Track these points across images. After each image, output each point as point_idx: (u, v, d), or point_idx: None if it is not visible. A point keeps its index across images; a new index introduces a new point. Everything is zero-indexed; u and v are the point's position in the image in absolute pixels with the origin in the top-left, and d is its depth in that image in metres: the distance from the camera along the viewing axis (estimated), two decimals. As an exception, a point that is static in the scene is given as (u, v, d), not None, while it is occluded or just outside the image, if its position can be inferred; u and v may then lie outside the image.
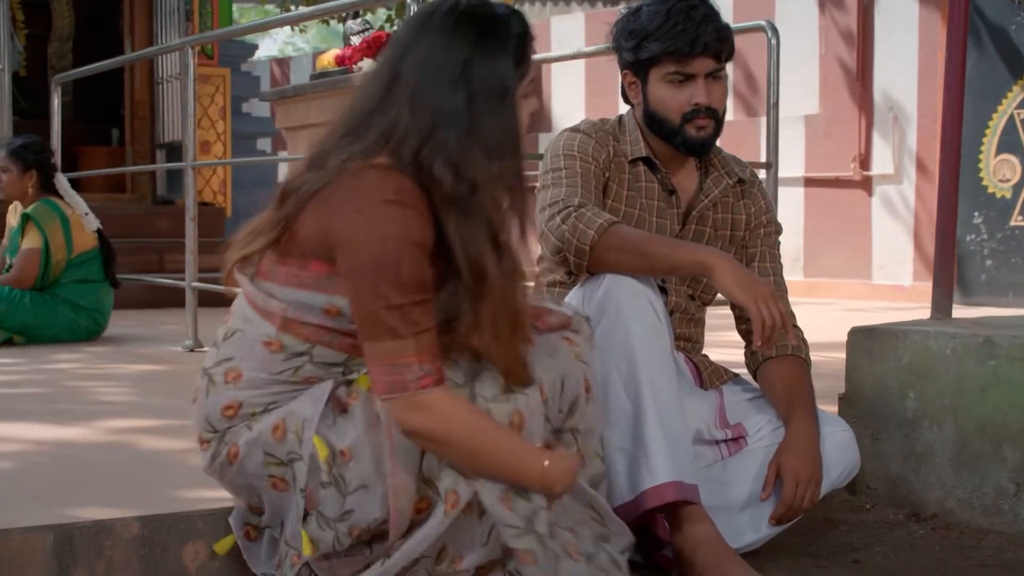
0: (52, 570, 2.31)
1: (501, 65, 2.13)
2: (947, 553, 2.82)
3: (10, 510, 2.44)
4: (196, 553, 2.45)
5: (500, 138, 2.13)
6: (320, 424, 2.15)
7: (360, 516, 2.14)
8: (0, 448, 3.12)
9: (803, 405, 2.75)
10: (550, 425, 2.26)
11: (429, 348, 2.08)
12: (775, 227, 2.99)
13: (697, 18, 2.72)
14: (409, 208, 2.08)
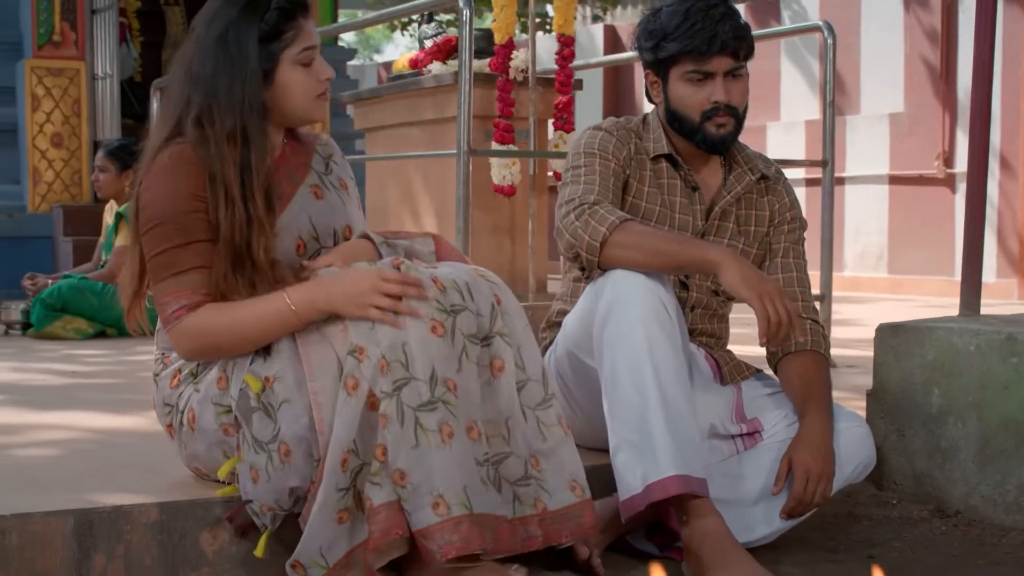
0: (73, 553, 2.34)
1: (244, 41, 2.40)
2: (964, 550, 2.73)
3: (40, 494, 2.46)
4: (213, 538, 2.45)
5: (232, 102, 2.39)
6: (252, 365, 2.34)
7: (287, 429, 2.27)
8: (52, 435, 3.18)
9: (817, 400, 2.68)
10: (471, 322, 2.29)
11: (188, 285, 2.37)
12: (799, 223, 2.93)
13: (715, 17, 2.68)
14: (180, 169, 2.37)
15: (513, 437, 2.31)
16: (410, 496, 2.21)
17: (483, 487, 2.25)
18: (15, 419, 3.41)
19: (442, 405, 2.22)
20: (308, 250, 2.49)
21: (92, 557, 2.35)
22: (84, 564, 2.34)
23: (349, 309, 2.27)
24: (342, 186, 2.63)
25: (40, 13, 8.66)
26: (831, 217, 4.77)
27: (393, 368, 2.20)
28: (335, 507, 2.24)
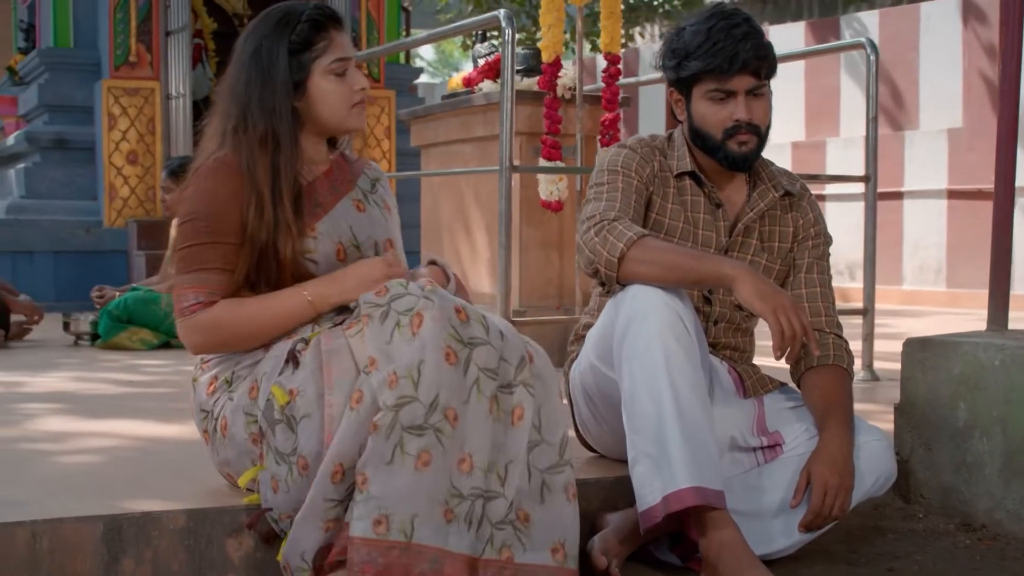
0: (102, 557, 2.36)
1: (275, 54, 2.48)
2: (985, 564, 2.68)
3: (74, 500, 2.50)
4: (239, 544, 2.47)
5: (263, 110, 2.47)
6: (279, 376, 2.35)
7: (305, 443, 2.27)
8: (97, 443, 3.22)
9: (837, 414, 2.64)
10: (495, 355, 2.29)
11: (208, 283, 2.44)
12: (824, 239, 2.89)
13: (737, 36, 2.65)
14: (220, 172, 2.46)
15: (508, 481, 2.27)
16: (361, 502, 2.18)
17: (445, 520, 2.21)
18: (66, 427, 3.46)
19: (432, 432, 2.19)
20: (349, 257, 2.52)
21: (121, 561, 2.38)
22: (113, 568, 2.37)
23: (361, 292, 2.35)
24: (386, 207, 2.67)
25: (117, 35, 8.80)
26: (874, 231, 4.70)
27: (402, 385, 2.19)
28: (322, 516, 2.24)
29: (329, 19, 2.53)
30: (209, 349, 2.49)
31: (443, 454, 2.20)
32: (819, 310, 2.81)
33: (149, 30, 8.88)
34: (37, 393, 4.20)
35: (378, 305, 2.28)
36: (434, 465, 2.19)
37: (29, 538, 2.31)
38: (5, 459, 2.96)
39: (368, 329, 2.27)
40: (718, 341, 2.83)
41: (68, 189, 8.92)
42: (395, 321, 2.25)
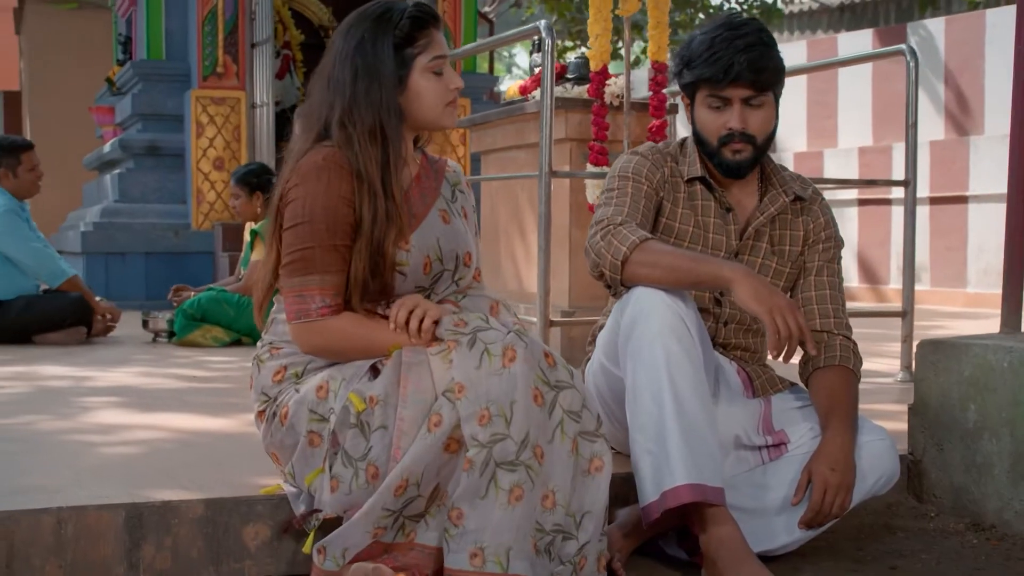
0: (124, 543, 2.41)
1: (379, 48, 2.43)
2: (990, 563, 2.62)
3: (105, 488, 2.55)
4: (256, 533, 2.50)
5: (370, 103, 2.42)
6: (358, 384, 2.33)
7: (377, 453, 2.27)
8: (143, 435, 3.27)
9: (840, 413, 2.60)
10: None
11: (332, 285, 2.39)
12: (835, 243, 2.85)
13: (738, 47, 2.62)
14: (332, 171, 2.39)
15: (583, 529, 2.29)
16: (457, 536, 2.21)
17: (534, 552, 2.23)
18: (117, 419, 3.52)
19: (523, 468, 2.21)
20: (433, 270, 2.50)
21: (141, 547, 2.42)
22: (134, 554, 2.41)
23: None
24: (463, 214, 2.64)
25: (205, 47, 8.94)
26: (913, 234, 4.63)
27: (495, 422, 2.20)
28: (375, 522, 2.26)
29: (430, 17, 2.49)
30: (325, 355, 2.44)
31: (532, 489, 2.22)
32: (828, 312, 2.77)
33: (235, 42, 9.00)
34: (101, 387, 4.28)
35: (463, 333, 2.29)
36: (525, 500, 2.21)
37: (55, 524, 2.36)
38: (50, 449, 3.03)
39: (456, 353, 2.26)
40: (728, 342, 2.81)
41: (159, 194, 9.08)
42: (482, 349, 2.25)
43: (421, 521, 2.30)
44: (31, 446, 3.06)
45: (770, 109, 2.70)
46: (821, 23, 18.01)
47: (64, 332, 5.94)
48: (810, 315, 2.76)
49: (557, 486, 2.27)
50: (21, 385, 4.31)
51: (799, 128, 11.07)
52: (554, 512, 2.27)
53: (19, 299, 5.93)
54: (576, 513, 2.30)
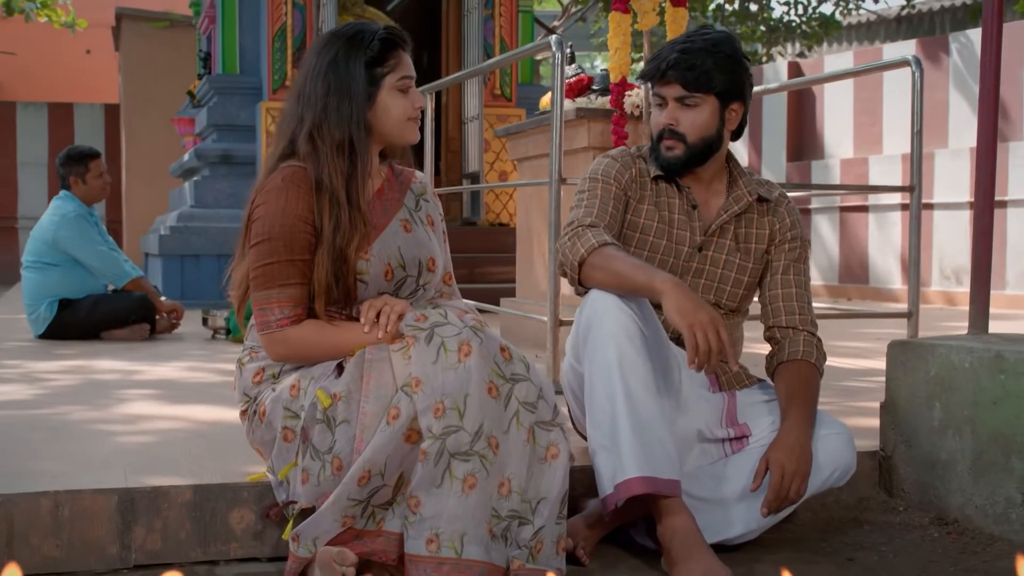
0: (117, 525, 2.47)
1: (352, 66, 2.47)
2: (944, 556, 2.59)
3: (103, 474, 2.61)
4: (241, 518, 2.55)
5: (341, 118, 2.46)
6: (325, 381, 2.37)
7: (341, 446, 2.30)
8: (162, 425, 3.34)
9: (798, 405, 2.60)
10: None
11: (290, 297, 2.44)
12: (801, 242, 2.84)
13: (675, 47, 2.66)
14: (290, 190, 2.44)
15: (538, 514, 2.31)
16: (415, 523, 2.25)
17: (489, 537, 2.26)
18: (145, 411, 3.60)
19: (477, 458, 2.24)
20: (395, 277, 2.53)
21: (133, 529, 2.48)
22: (126, 535, 2.47)
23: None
24: (429, 222, 2.66)
25: (275, 62, 9.06)
26: (918, 239, 4.55)
27: (448, 415, 2.24)
28: (342, 511, 2.29)
29: (399, 39, 2.53)
30: (290, 360, 2.50)
31: (486, 478, 2.25)
32: (793, 308, 2.77)
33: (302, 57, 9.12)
34: (144, 380, 4.36)
35: (421, 329, 2.32)
36: (479, 487, 2.24)
37: (52, 506, 2.43)
38: (70, 437, 3.11)
39: (414, 349, 2.30)
40: None
41: (231, 199, 9.22)
42: (439, 344, 2.28)
43: (389, 509, 2.34)
44: (54, 434, 3.14)
45: (706, 111, 2.69)
46: (879, 34, 17.78)
47: (129, 329, 6.07)
48: (776, 312, 2.77)
49: (512, 474, 2.29)
50: (72, 378, 4.42)
51: (845, 135, 10.94)
52: (510, 499, 2.29)
53: (88, 298, 6.08)
54: (532, 499, 2.31)
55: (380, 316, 2.41)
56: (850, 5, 17.38)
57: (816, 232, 10.95)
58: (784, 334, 2.74)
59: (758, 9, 17.34)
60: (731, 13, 17.29)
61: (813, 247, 11.00)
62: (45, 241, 6.06)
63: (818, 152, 11.34)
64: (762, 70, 12.07)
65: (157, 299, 6.22)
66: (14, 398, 3.85)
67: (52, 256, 6.04)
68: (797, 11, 17.34)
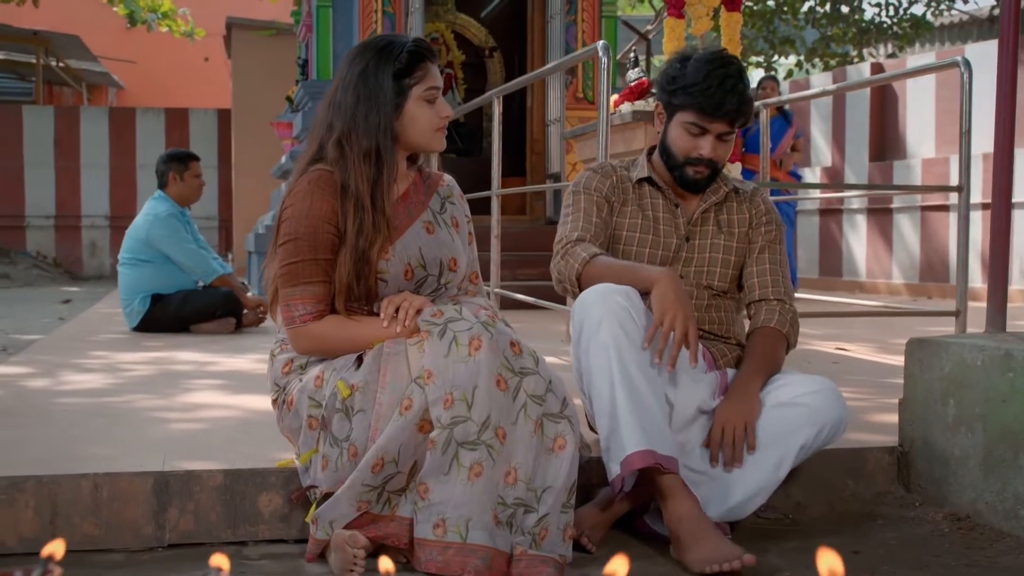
0: (152, 506, 2.56)
1: (381, 77, 2.52)
2: (949, 551, 2.55)
3: (144, 457, 2.70)
4: (269, 501, 2.62)
5: (369, 126, 2.51)
6: (345, 372, 2.44)
7: (357, 434, 2.37)
8: (214, 413, 3.43)
9: (752, 361, 2.71)
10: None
11: (313, 295, 2.50)
12: (776, 225, 2.93)
13: (727, 87, 2.71)
14: (315, 193, 2.50)
15: (543, 502, 2.34)
16: (424, 508, 2.31)
17: (494, 523, 2.30)
18: (204, 400, 3.71)
19: (484, 447, 2.29)
20: (416, 276, 2.58)
21: (167, 511, 2.57)
22: (161, 516, 2.56)
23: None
24: (454, 224, 2.70)
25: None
26: (966, 238, 4.46)
27: (456, 406, 2.29)
28: (357, 496, 2.36)
29: (426, 52, 2.58)
30: (313, 353, 2.56)
31: (492, 466, 2.30)
32: (767, 283, 2.85)
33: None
34: (215, 371, 4.48)
35: (436, 324, 2.38)
36: (485, 476, 2.29)
37: (92, 488, 2.53)
38: (126, 423, 3.22)
39: (428, 343, 2.36)
40: None
41: (323, 200, 9.36)
42: (452, 338, 2.34)
43: (402, 495, 2.39)
44: (112, 420, 3.25)
45: (732, 141, 2.81)
46: (971, 34, 17.35)
47: (216, 323, 6.23)
48: (752, 288, 2.86)
49: (519, 463, 2.33)
50: (149, 368, 4.56)
51: (928, 135, 10.71)
52: (515, 487, 2.32)
53: (178, 293, 6.25)
54: (538, 488, 2.34)
55: (399, 311, 2.46)
56: (941, 6, 17.01)
57: (897, 231, 10.75)
58: (759, 307, 2.83)
59: (849, 11, 17.06)
60: (822, 15, 17.05)
61: (894, 246, 10.81)
62: (139, 239, 6.25)
63: (900, 152, 11.13)
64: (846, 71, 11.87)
65: (243, 294, 6.37)
66: (89, 386, 3.99)
67: (145, 253, 6.23)
68: (888, 12, 17.04)
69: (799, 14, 16.91)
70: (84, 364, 4.68)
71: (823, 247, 11.55)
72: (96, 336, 6.03)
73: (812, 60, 17.43)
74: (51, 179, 16.24)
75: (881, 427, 3.19)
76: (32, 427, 3.13)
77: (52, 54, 19.65)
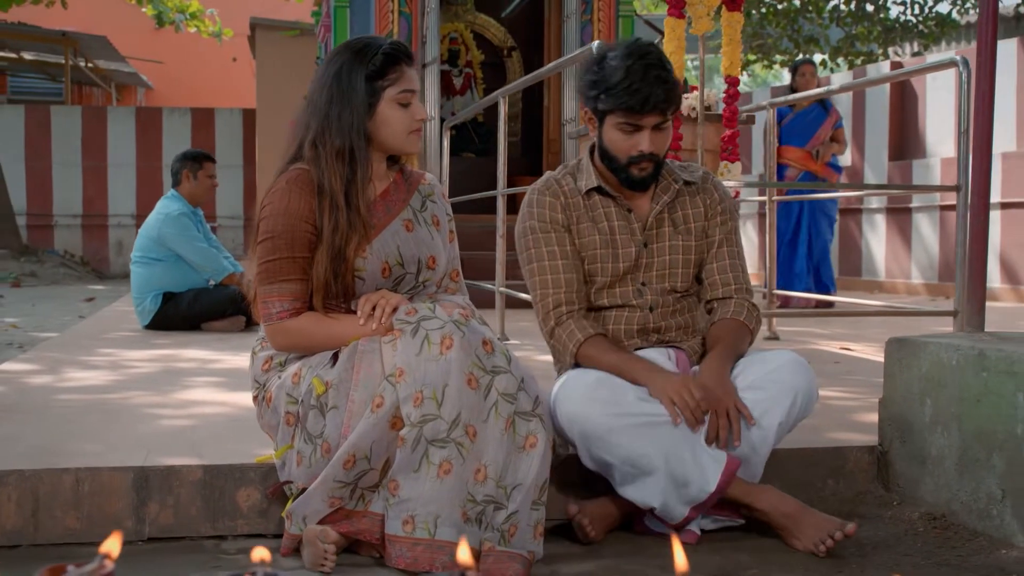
0: (132, 501, 2.60)
1: (354, 78, 2.54)
2: (920, 551, 2.55)
3: (129, 453, 2.74)
4: (247, 496, 2.66)
5: (341, 126, 2.54)
6: (321, 370, 2.47)
7: (330, 431, 2.40)
8: (205, 410, 3.48)
9: (716, 349, 2.73)
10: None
11: (291, 292, 2.53)
12: (730, 215, 2.91)
13: (651, 79, 2.64)
14: (293, 192, 2.53)
15: (512, 499, 2.37)
16: (394, 505, 2.35)
17: (463, 520, 2.33)
18: (198, 396, 3.75)
19: (453, 445, 2.32)
20: (393, 274, 2.60)
21: (147, 505, 2.61)
22: (141, 511, 2.60)
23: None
24: (434, 222, 2.73)
25: (383, 68, 9.23)
26: (965, 237, 4.43)
27: (426, 404, 2.32)
28: (329, 492, 2.39)
29: (402, 54, 2.60)
30: (291, 350, 2.59)
31: (462, 464, 2.33)
32: (728, 280, 2.86)
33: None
34: (216, 369, 4.53)
35: (409, 322, 2.41)
36: (454, 473, 2.32)
37: (74, 482, 2.57)
38: (118, 419, 3.26)
39: (400, 341, 2.39)
40: (659, 325, 2.84)
41: (344, 198, 9.42)
42: (424, 336, 2.37)
43: (375, 492, 2.42)
44: (106, 417, 3.30)
45: (671, 128, 2.77)
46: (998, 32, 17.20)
47: (226, 320, 6.29)
48: (713, 285, 2.86)
49: (489, 461, 2.35)
50: (152, 366, 4.62)
51: (947, 134, 10.64)
52: (485, 484, 2.35)
53: (189, 292, 6.31)
54: (508, 485, 2.37)
55: (376, 310, 2.49)
56: (967, 4, 16.89)
57: (916, 231, 10.69)
58: (722, 304, 2.84)
59: (874, 9, 16.98)
60: (847, 14, 16.97)
61: (913, 246, 10.75)
62: (151, 237, 6.32)
63: (920, 151, 11.06)
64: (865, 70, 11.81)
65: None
66: (90, 383, 4.05)
67: (157, 252, 6.29)
68: (914, 11, 16.94)
69: (824, 13, 16.83)
70: (90, 361, 4.74)
71: (843, 247, 11.50)
72: (108, 334, 6.10)
73: (837, 59, 17.35)
74: (79, 179, 16.38)
75: (864, 426, 3.19)
76: (27, 423, 3.18)
77: (81, 55, 19.82)
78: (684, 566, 0.80)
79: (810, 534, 2.50)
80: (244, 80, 20.42)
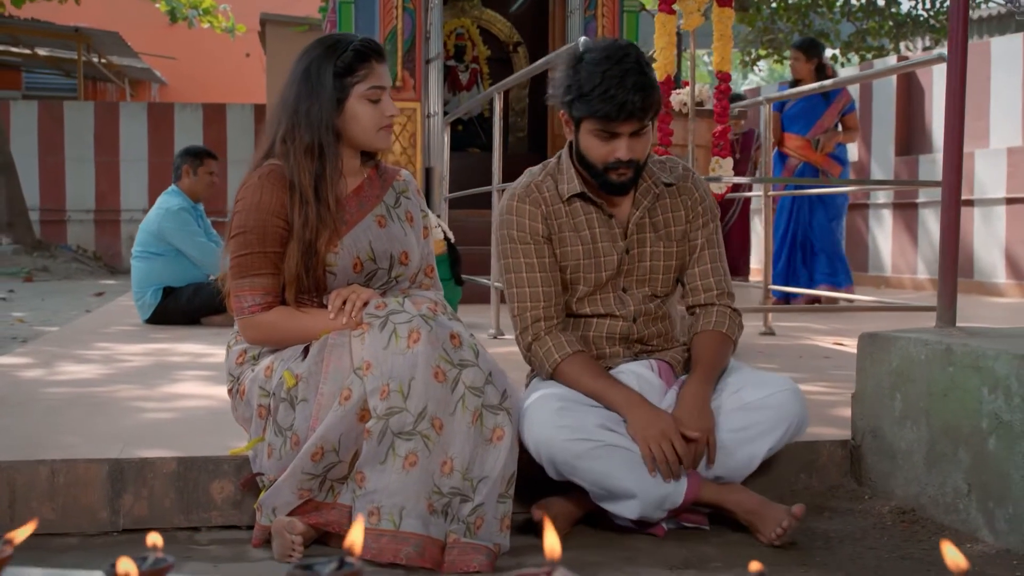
0: (107, 492, 2.64)
1: (322, 74, 2.56)
2: (885, 545, 2.56)
3: (107, 445, 2.77)
4: (221, 488, 2.69)
5: (310, 122, 2.55)
6: (292, 363, 2.51)
7: (299, 424, 2.44)
8: (190, 403, 3.51)
9: (698, 370, 2.69)
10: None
11: (262, 286, 2.56)
12: (711, 215, 2.86)
13: (627, 86, 2.54)
14: (265, 187, 2.55)
15: (478, 492, 2.40)
16: (361, 496, 2.38)
17: (429, 512, 2.35)
18: (184, 390, 3.79)
19: (419, 438, 2.35)
20: (365, 269, 2.62)
21: (122, 496, 2.64)
22: (116, 502, 2.63)
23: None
24: (408, 218, 2.74)
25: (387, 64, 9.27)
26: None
27: (392, 397, 2.35)
28: (298, 484, 2.42)
29: (372, 51, 2.61)
30: (263, 343, 2.63)
31: (428, 456, 2.35)
32: (711, 285, 2.82)
33: (412, 59, 9.29)
34: (207, 363, 4.55)
35: (378, 316, 2.44)
36: (420, 465, 2.35)
37: (49, 474, 2.61)
38: (101, 411, 3.30)
39: (368, 335, 2.42)
40: (641, 335, 2.83)
41: (346, 194, 9.46)
42: (392, 330, 2.39)
43: (345, 484, 2.45)
44: (90, 410, 3.34)
45: (650, 133, 2.69)
46: (1010, 27, 17.13)
47: (225, 315, 6.28)
48: (695, 291, 2.82)
49: (456, 453, 2.38)
50: (144, 360, 4.65)
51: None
52: (452, 476, 2.37)
53: (189, 286, 6.35)
54: (474, 478, 2.39)
55: (346, 304, 2.52)
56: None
57: (923, 226, 10.66)
58: (705, 310, 2.81)
59: (885, 4, 16.92)
60: (858, 8, 16.92)
61: (919, 241, 10.72)
62: (151, 232, 6.36)
63: (927, 146, 11.02)
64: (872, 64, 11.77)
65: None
66: (80, 377, 4.09)
67: (157, 246, 6.34)
68: (925, 5, 16.88)
69: (835, 7, 16.78)
70: (84, 355, 4.78)
71: (849, 242, 11.46)
72: (107, 328, 6.15)
73: (848, 54, 17.29)
74: (91, 174, 16.46)
75: (840, 421, 3.20)
76: (12, 416, 3.23)
77: (94, 51, 19.90)
78: (556, 553, 0.83)
79: (770, 526, 2.52)
80: (257, 76, 20.47)
